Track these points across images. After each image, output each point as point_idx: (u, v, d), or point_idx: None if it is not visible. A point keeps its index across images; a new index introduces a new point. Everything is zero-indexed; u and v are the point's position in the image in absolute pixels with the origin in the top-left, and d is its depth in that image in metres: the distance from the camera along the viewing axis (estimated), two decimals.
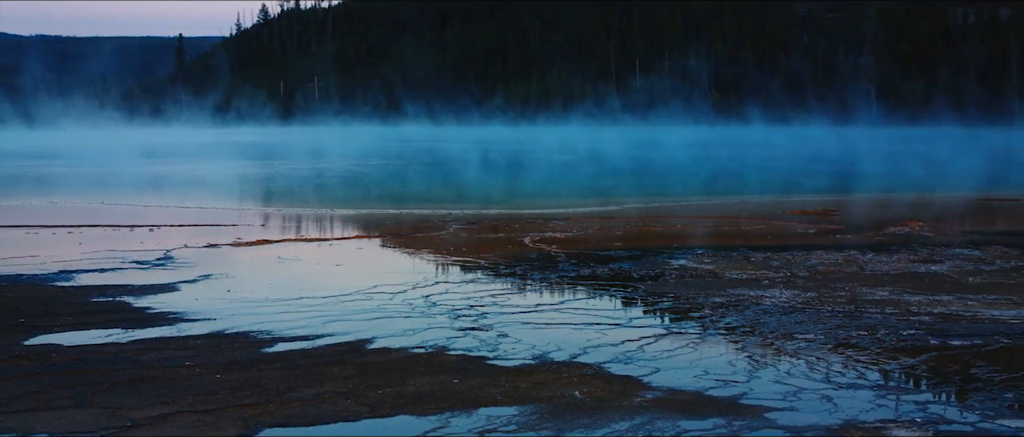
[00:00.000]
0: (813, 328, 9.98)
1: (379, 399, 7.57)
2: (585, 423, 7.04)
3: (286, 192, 29.24)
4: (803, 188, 30.16)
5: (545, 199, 25.78)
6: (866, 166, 41.51)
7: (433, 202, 24.46)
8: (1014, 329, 9.94)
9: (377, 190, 29.97)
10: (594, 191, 29.16)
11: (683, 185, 31.51)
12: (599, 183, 32.68)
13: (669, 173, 38.04)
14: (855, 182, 33.22)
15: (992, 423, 7.12)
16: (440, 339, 9.47)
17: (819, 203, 24.27)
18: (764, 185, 31.72)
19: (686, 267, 13.92)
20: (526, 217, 20.64)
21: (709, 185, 31.55)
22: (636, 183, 32.47)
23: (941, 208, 23.94)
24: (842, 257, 14.85)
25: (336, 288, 12.16)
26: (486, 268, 13.96)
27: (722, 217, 21.32)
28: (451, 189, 30.28)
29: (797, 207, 23.15)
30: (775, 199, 26.06)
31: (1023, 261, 14.61)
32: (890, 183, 32.57)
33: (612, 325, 10.17)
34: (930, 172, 37.81)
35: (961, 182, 33.22)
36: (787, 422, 7.10)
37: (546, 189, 30.27)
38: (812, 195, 27.34)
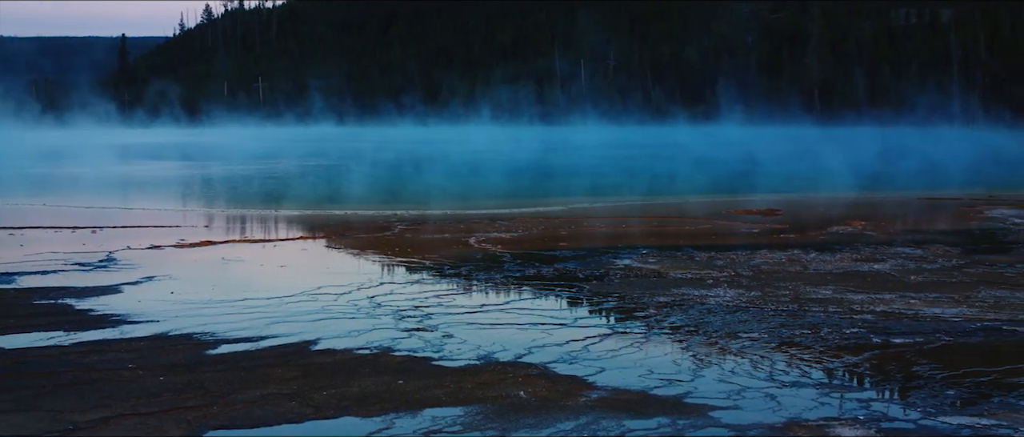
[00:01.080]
0: (757, 327, 10.04)
1: (324, 400, 7.55)
2: (530, 423, 7.05)
3: (230, 193, 29.08)
4: (718, 190, 30.26)
5: (490, 199, 25.74)
6: (785, 166, 41.70)
7: (378, 203, 24.38)
8: (955, 327, 10.03)
9: (320, 191, 29.84)
10: (538, 191, 29.17)
11: (629, 185, 31.53)
12: (540, 183, 32.67)
13: (608, 173, 38.05)
14: (767, 182, 33.35)
15: (934, 420, 7.18)
16: (385, 340, 9.45)
17: (763, 203, 24.39)
18: (673, 186, 31.80)
19: (631, 267, 13.96)
20: (471, 217, 20.62)
21: (643, 185, 31.61)
22: (577, 183, 32.44)
23: (884, 207, 24.09)
24: (786, 256, 14.94)
25: (280, 289, 12.11)
26: (431, 269, 13.95)
27: (667, 217, 21.38)
28: (398, 190, 30.22)
29: (741, 207, 23.25)
30: (719, 199, 26.16)
31: (964, 260, 14.74)
32: (828, 183, 32.75)
33: (557, 325, 10.19)
34: (873, 171, 38.05)
35: (903, 181, 33.45)
36: (731, 421, 7.14)
37: (491, 189, 30.23)
38: (756, 195, 27.47)
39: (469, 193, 28.34)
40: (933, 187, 30.50)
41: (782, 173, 37.47)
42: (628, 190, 29.31)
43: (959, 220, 20.77)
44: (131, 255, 15.11)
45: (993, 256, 15.24)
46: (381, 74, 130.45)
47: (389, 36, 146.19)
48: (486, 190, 29.71)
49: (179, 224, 19.59)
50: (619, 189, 29.71)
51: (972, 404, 7.58)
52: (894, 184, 32.18)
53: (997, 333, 9.82)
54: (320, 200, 25.83)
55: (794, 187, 30.72)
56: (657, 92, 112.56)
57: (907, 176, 35.86)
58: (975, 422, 7.13)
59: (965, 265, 14.26)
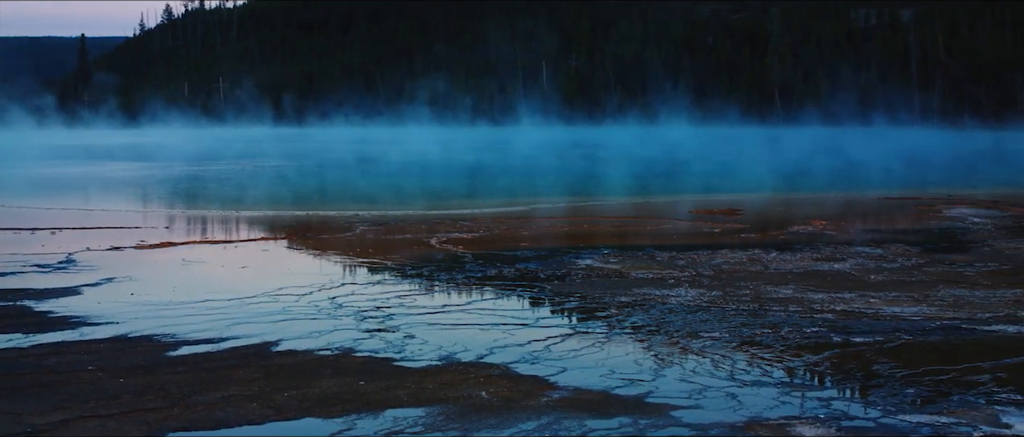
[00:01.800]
0: (718, 326, 10.06)
1: (285, 402, 7.53)
2: (492, 423, 7.05)
3: (190, 194, 28.94)
4: (681, 190, 30.35)
5: (452, 200, 25.72)
6: (743, 167, 41.86)
7: (339, 203, 24.32)
8: (915, 326, 10.09)
9: (281, 192, 29.76)
10: (499, 191, 29.15)
11: (588, 185, 31.58)
12: (502, 183, 32.64)
13: (535, 173, 38.08)
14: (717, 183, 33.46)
15: (894, 418, 7.22)
16: (346, 341, 9.43)
17: (724, 202, 24.45)
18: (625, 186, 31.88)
19: (592, 267, 13.98)
20: (432, 218, 20.61)
21: (608, 185, 31.66)
22: (539, 184, 32.46)
23: (845, 207, 24.21)
24: (747, 256, 14.98)
25: (241, 290, 12.07)
26: (393, 269, 13.93)
27: (628, 217, 21.44)
28: (359, 190, 30.15)
29: (702, 206, 23.31)
30: (681, 198, 26.24)
31: (924, 259, 14.83)
32: (792, 183, 32.90)
33: (519, 325, 10.19)
34: (836, 171, 38.24)
35: (864, 181, 33.61)
36: (693, 420, 7.16)
37: (452, 190, 30.21)
38: (717, 195, 27.54)
39: (430, 193, 28.30)
40: (889, 186, 30.64)
41: (706, 172, 37.58)
42: (571, 190, 29.34)
43: (919, 219, 20.88)
44: (91, 256, 15.03)
45: (952, 255, 15.32)
46: (342, 74, 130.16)
47: (350, 36, 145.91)
48: (447, 190, 29.67)
49: (139, 225, 19.49)
50: (555, 189, 29.73)
51: (931, 402, 7.62)
52: (849, 184, 32.30)
53: (956, 332, 9.88)
54: (281, 201, 25.74)
55: (737, 187, 30.79)
56: (618, 92, 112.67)
57: (860, 176, 36.04)
58: (934, 420, 7.17)
59: (925, 264, 14.34)
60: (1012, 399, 7.69)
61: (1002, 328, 10.02)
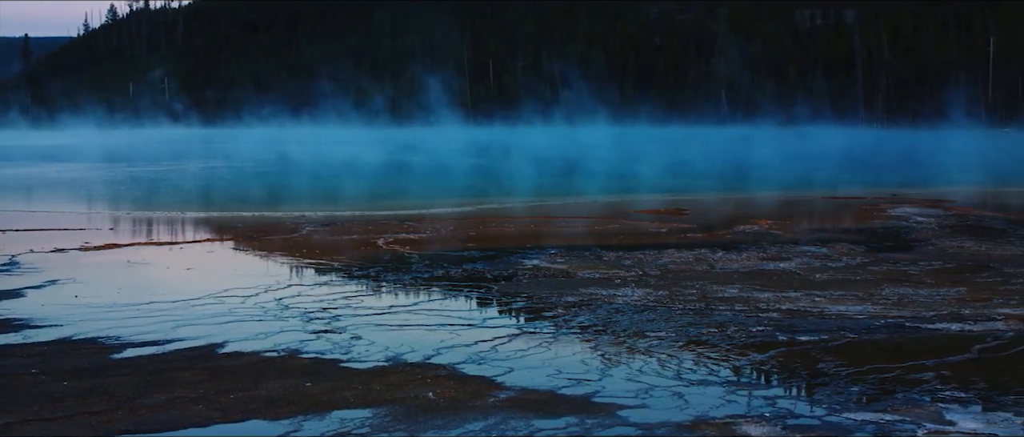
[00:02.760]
0: (665, 326, 10.10)
1: (230, 404, 7.49)
2: (439, 424, 7.04)
3: (135, 196, 28.73)
4: (627, 190, 30.42)
5: (399, 200, 25.67)
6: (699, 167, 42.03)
7: (286, 204, 24.21)
8: (860, 324, 10.16)
9: (230, 193, 29.63)
10: (446, 192, 29.12)
11: (521, 186, 31.61)
12: (450, 184, 32.62)
13: (508, 174, 38.12)
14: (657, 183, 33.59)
15: (839, 416, 7.26)
16: (293, 342, 9.40)
17: (671, 202, 24.54)
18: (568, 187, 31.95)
19: (539, 267, 13.99)
20: (379, 218, 20.56)
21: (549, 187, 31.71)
22: (490, 184, 32.46)
23: (790, 207, 24.35)
24: (693, 256, 15.04)
25: (187, 292, 12.00)
26: (339, 270, 13.90)
27: (575, 217, 21.46)
28: (309, 191, 30.05)
29: (648, 206, 23.37)
30: (628, 198, 26.29)
31: (868, 258, 14.93)
32: (739, 183, 33.06)
33: (466, 326, 10.19)
34: (782, 171, 38.45)
35: (809, 180, 33.80)
36: (639, 419, 7.17)
37: (400, 190, 30.15)
38: (664, 194, 27.63)
39: (378, 194, 28.24)
40: (834, 186, 30.84)
41: (643, 173, 37.72)
42: (514, 191, 29.36)
43: (863, 219, 21.01)
44: (34, 258, 14.90)
45: (896, 254, 15.43)
46: (289, 75, 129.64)
47: (296, 36, 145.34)
48: (394, 191, 29.62)
49: (83, 227, 19.32)
50: (496, 190, 29.73)
51: (876, 400, 7.67)
52: (795, 184, 32.48)
53: (900, 330, 9.95)
54: (228, 202, 25.61)
55: (683, 187, 30.91)
56: (565, 93, 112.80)
57: (806, 175, 36.25)
58: (879, 418, 7.22)
59: (869, 263, 14.44)
60: (956, 396, 7.75)
61: (946, 326, 10.11)
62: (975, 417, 7.26)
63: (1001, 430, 6.97)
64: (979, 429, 6.99)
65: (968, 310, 10.94)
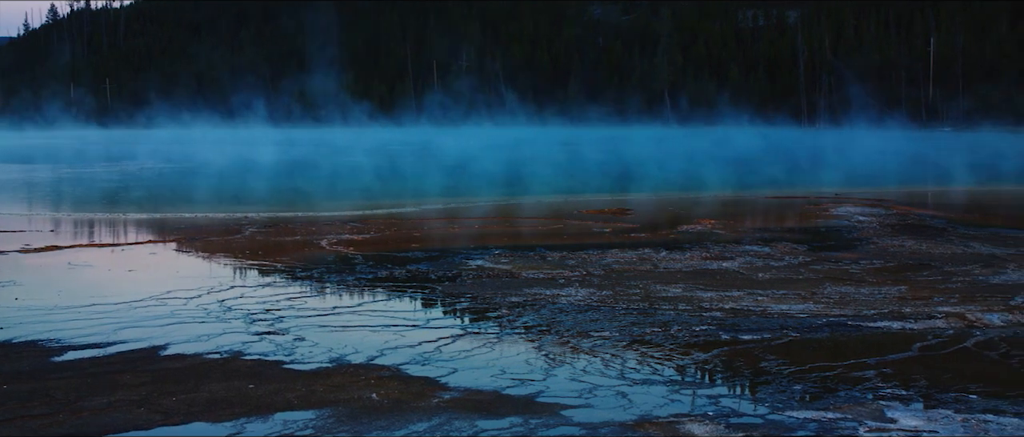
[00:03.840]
0: (608, 326, 10.12)
1: (173, 406, 7.45)
2: (382, 425, 7.03)
3: (75, 197, 28.47)
4: (571, 191, 30.48)
5: (342, 201, 25.57)
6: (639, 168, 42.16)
7: (228, 205, 24.07)
8: (802, 323, 10.22)
9: (169, 194, 29.42)
10: (390, 193, 29.04)
11: (473, 186, 31.60)
12: (394, 185, 32.53)
13: (462, 175, 38.10)
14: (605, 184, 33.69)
15: (781, 415, 7.31)
16: (235, 344, 9.35)
17: (615, 202, 24.60)
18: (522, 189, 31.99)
19: (483, 267, 13.99)
20: (323, 219, 20.49)
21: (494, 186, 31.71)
22: (432, 185, 32.43)
23: (733, 206, 24.45)
24: (636, 255, 15.08)
25: (128, 294, 11.91)
26: (283, 271, 13.84)
27: (520, 217, 21.48)
28: (250, 193, 29.88)
29: (593, 207, 23.41)
30: (572, 199, 26.32)
31: (810, 257, 15.03)
32: (683, 183, 33.18)
33: (410, 326, 10.17)
34: (726, 171, 38.62)
35: (753, 180, 33.97)
36: (583, 419, 7.19)
37: (344, 192, 30.05)
38: (608, 195, 27.70)
39: (322, 195, 28.12)
40: (777, 186, 31.03)
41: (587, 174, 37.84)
42: (459, 191, 29.35)
43: (806, 218, 21.14)
44: None
45: (838, 253, 15.55)
46: (232, 75, 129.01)
47: (240, 37, 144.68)
48: (339, 192, 29.52)
49: (24, 229, 19.14)
50: (443, 190, 29.73)
51: (818, 398, 7.73)
52: (739, 184, 32.65)
53: (842, 328, 10.02)
54: (170, 203, 25.43)
55: (628, 187, 31.02)
56: (509, 93, 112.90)
57: (749, 175, 36.44)
58: (821, 416, 7.26)
59: (811, 262, 14.54)
60: (897, 394, 7.81)
61: (887, 324, 10.19)
62: (916, 414, 7.32)
63: (941, 427, 7.03)
64: (920, 426, 7.05)
65: (909, 308, 11.04)
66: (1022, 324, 10.28)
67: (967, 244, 16.53)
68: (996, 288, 12.42)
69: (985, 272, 13.65)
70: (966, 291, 12.19)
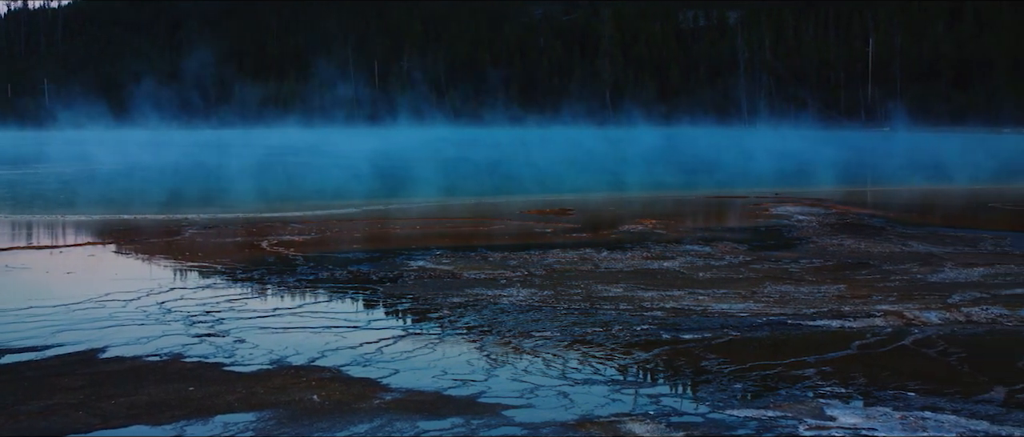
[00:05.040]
0: (550, 326, 10.13)
1: (112, 410, 7.39)
2: (323, 427, 7.00)
3: (11, 199, 28.20)
4: (515, 191, 30.50)
5: (283, 202, 25.44)
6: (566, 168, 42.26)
7: (167, 207, 23.90)
8: (742, 322, 10.27)
9: (110, 196, 29.18)
10: (331, 194, 28.93)
11: (415, 187, 31.57)
12: (332, 186, 32.39)
13: (404, 175, 38.05)
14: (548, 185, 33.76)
15: (722, 413, 7.34)
16: (175, 346, 9.29)
17: (556, 203, 24.63)
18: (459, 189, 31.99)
19: (425, 268, 13.97)
20: (264, 220, 20.39)
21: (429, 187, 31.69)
22: (372, 186, 32.34)
23: (674, 206, 24.55)
24: (578, 255, 15.11)
25: (67, 296, 11.80)
26: (223, 273, 13.75)
27: (461, 217, 21.45)
28: (189, 194, 29.69)
29: (534, 207, 23.43)
30: (513, 199, 26.32)
31: (751, 256, 15.12)
32: (624, 183, 33.27)
33: (351, 328, 10.14)
34: (669, 170, 38.76)
35: (694, 180, 34.13)
36: (525, 419, 7.19)
37: (282, 193, 29.88)
38: (550, 195, 27.72)
39: (263, 196, 27.97)
40: (718, 185, 31.20)
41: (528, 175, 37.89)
42: (400, 192, 29.32)
43: (746, 218, 21.26)
44: None
45: (778, 252, 15.64)
46: (170, 76, 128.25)
47: (178, 37, 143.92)
48: (282, 193, 29.36)
49: None
50: (381, 191, 29.67)
51: (758, 397, 7.77)
52: (680, 184, 32.80)
53: (782, 327, 10.07)
54: (109, 204, 25.20)
55: (569, 188, 31.09)
56: (451, 94, 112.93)
57: (691, 175, 36.61)
58: (761, 414, 7.30)
59: (751, 261, 14.62)
60: (836, 392, 7.86)
61: (826, 323, 10.25)
62: (855, 412, 7.36)
63: (880, 425, 7.08)
64: (859, 424, 7.10)
65: (848, 307, 11.11)
66: (960, 322, 10.37)
67: (905, 243, 16.67)
68: (934, 286, 12.53)
69: (923, 270, 13.76)
70: (904, 290, 12.29)
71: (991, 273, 13.54)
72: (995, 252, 15.74)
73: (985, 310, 10.91)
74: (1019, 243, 16.88)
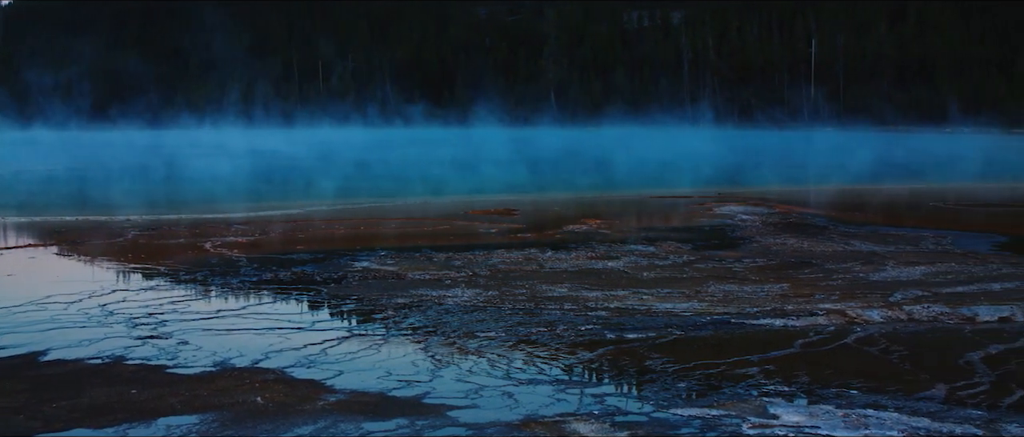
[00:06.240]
0: (495, 326, 10.13)
1: (54, 413, 7.33)
2: (267, 428, 6.98)
3: None
4: (459, 191, 30.50)
5: (226, 203, 25.30)
6: None
7: (110, 208, 23.69)
8: (686, 321, 10.31)
9: (45, 197, 28.92)
10: (272, 194, 28.79)
11: (359, 187, 31.48)
12: (271, 187, 32.27)
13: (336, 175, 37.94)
14: None
15: (666, 412, 7.37)
16: (118, 349, 9.23)
17: (501, 203, 24.62)
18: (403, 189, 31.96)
19: (370, 269, 13.94)
20: (207, 222, 20.27)
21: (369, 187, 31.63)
22: (320, 187, 32.23)
23: (618, 207, 24.60)
24: (523, 255, 15.11)
25: (6, 299, 11.68)
26: (166, 275, 13.67)
27: (405, 218, 21.41)
28: (131, 195, 29.46)
29: (479, 207, 23.42)
30: (459, 200, 26.30)
31: (695, 256, 15.17)
32: (569, 184, 33.33)
33: (295, 329, 10.11)
34: (612, 170, 38.83)
35: (638, 180, 34.21)
36: (469, 420, 7.19)
37: (223, 193, 29.71)
38: (495, 195, 27.72)
39: (206, 197, 27.79)
40: (662, 185, 31.26)
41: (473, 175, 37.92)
42: (346, 193, 29.23)
43: (690, 217, 21.33)
44: None
45: (722, 252, 15.71)
46: (108, 76, 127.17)
47: (122, 36, 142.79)
48: (222, 194, 29.19)
49: None
50: (327, 192, 29.56)
51: (702, 396, 7.80)
52: (625, 184, 32.87)
53: (726, 326, 10.12)
54: (49, 206, 24.98)
55: (513, 188, 31.09)
56: (395, 94, 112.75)
57: (635, 175, 36.71)
58: (705, 413, 7.33)
59: (696, 261, 14.67)
60: (779, 390, 7.91)
61: (769, 322, 10.31)
62: (798, 410, 7.41)
63: (823, 423, 7.13)
64: (802, 422, 7.14)
65: (791, 306, 11.18)
66: (901, 320, 10.46)
67: (848, 242, 16.79)
68: (876, 285, 12.63)
69: (865, 269, 13.86)
70: (847, 288, 12.37)
71: (932, 271, 13.66)
72: (936, 251, 15.88)
73: (926, 308, 11.00)
74: (960, 241, 17.03)
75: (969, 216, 22.26)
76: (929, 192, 29.23)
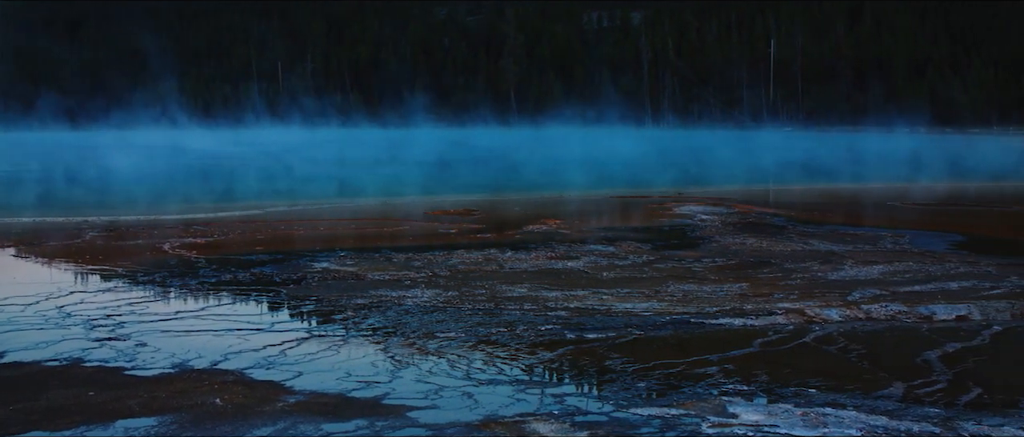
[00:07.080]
0: (454, 326, 10.12)
1: (10, 416, 7.28)
2: (226, 430, 6.95)
3: None
4: (414, 191, 30.51)
5: (186, 204, 25.17)
6: None
7: (67, 209, 23.55)
8: (646, 321, 10.32)
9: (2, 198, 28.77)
10: (235, 195, 28.70)
11: (314, 188, 31.43)
12: (233, 187, 32.17)
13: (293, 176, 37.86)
14: None
15: (626, 412, 7.37)
16: (75, 351, 9.17)
17: (461, 203, 24.61)
18: None
19: (329, 269, 13.90)
20: (166, 223, 20.19)
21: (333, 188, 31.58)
22: (273, 187, 32.13)
23: (578, 206, 24.62)
24: (482, 256, 15.11)
25: None
26: (124, 276, 13.59)
27: (364, 218, 21.37)
28: (89, 196, 29.30)
29: (439, 207, 23.41)
30: (418, 200, 26.30)
31: (654, 256, 15.20)
32: (528, 184, 33.36)
33: (254, 330, 10.07)
34: (572, 171, 38.87)
35: (598, 180, 34.27)
36: (429, 420, 7.18)
37: (188, 194, 29.58)
38: (454, 195, 27.71)
39: (163, 198, 27.67)
40: (622, 185, 31.36)
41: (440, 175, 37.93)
42: (304, 193, 29.17)
43: (650, 217, 21.38)
44: None
45: (681, 251, 15.74)
46: (69, 75, 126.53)
47: (78, 37, 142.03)
48: (182, 195, 29.07)
49: None
50: (286, 193, 29.49)
51: (662, 395, 7.81)
52: (585, 184, 32.92)
53: (685, 326, 10.14)
54: (4, 207, 24.82)
55: (473, 188, 31.13)
56: (353, 94, 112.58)
57: (595, 175, 36.77)
58: (665, 412, 7.34)
59: (655, 261, 14.70)
60: (739, 390, 7.93)
61: (729, 321, 10.34)
62: (757, 409, 7.44)
63: (782, 421, 7.15)
64: (761, 421, 7.16)
65: (750, 305, 11.21)
66: (860, 319, 10.51)
67: (806, 242, 16.86)
68: (834, 284, 12.68)
69: (824, 269, 13.92)
70: (805, 288, 12.42)
71: (890, 270, 13.73)
72: (894, 250, 15.96)
73: (884, 307, 11.05)
74: (917, 241, 17.13)
75: (917, 215, 22.39)
76: (887, 192, 29.37)
